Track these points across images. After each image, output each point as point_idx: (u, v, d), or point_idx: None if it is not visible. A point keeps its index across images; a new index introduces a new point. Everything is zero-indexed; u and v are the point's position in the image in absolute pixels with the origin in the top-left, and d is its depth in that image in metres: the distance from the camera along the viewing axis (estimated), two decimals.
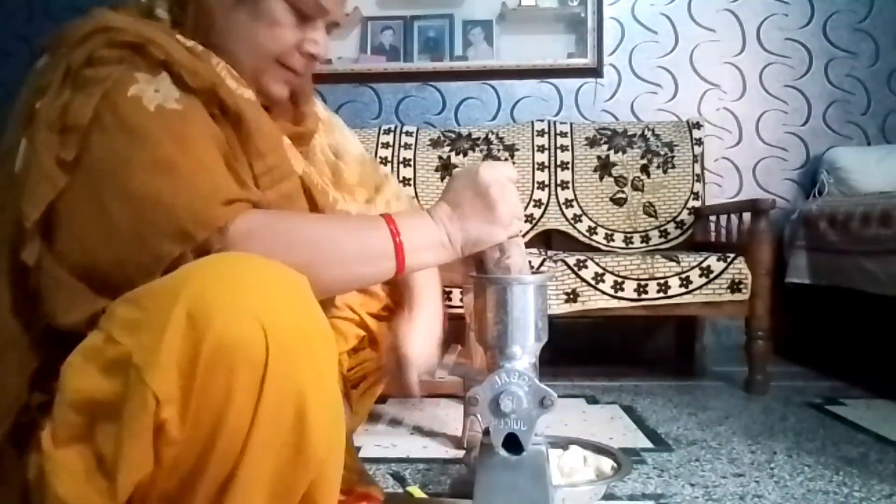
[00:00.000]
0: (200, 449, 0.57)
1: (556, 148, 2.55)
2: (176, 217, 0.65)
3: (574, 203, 2.49)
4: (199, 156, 0.69)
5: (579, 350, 2.43)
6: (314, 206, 0.86)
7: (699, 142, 2.55)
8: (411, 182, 2.51)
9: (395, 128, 2.63)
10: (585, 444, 1.22)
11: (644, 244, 2.45)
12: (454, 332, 2.05)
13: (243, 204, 0.69)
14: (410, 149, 2.57)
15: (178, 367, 0.55)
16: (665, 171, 2.51)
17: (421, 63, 2.78)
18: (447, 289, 1.87)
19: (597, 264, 2.00)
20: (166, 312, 0.56)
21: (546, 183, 2.51)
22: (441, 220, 0.77)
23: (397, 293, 1.12)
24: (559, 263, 2.01)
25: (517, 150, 2.55)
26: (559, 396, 0.75)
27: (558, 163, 2.53)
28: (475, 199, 0.77)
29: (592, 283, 1.98)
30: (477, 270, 0.81)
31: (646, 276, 1.99)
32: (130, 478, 0.56)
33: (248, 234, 0.67)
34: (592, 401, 1.94)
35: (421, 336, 1.03)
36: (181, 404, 0.55)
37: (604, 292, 1.98)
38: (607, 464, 1.16)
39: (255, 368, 0.56)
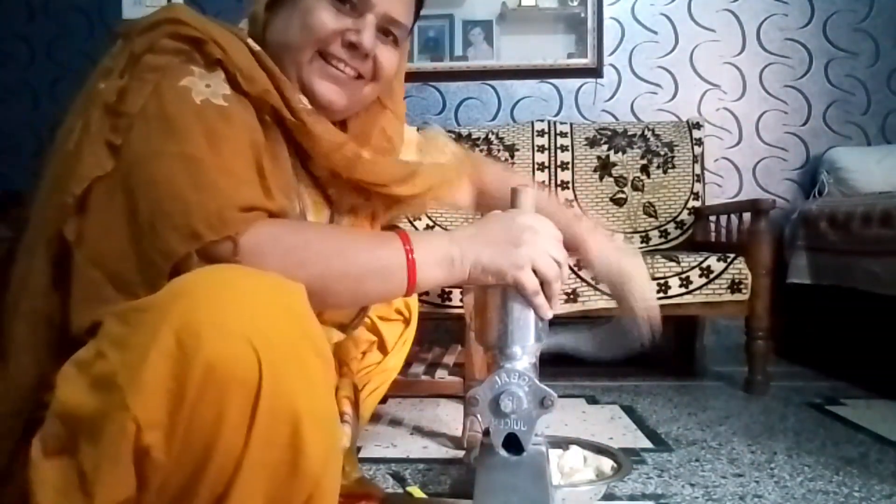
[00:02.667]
0: (190, 472, 0.55)
1: (556, 148, 2.55)
2: (189, 213, 0.65)
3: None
4: (228, 156, 0.69)
5: None
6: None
7: (699, 142, 2.55)
8: None
9: None
10: (585, 444, 1.22)
11: (644, 244, 2.44)
12: (454, 332, 2.05)
13: (260, 213, 0.68)
14: None
15: (165, 391, 0.53)
16: (665, 171, 2.50)
17: (421, 63, 2.78)
18: (447, 289, 1.87)
19: None
20: (153, 331, 0.54)
21: (546, 183, 2.51)
22: (458, 239, 0.76)
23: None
24: None
25: (517, 150, 2.55)
26: (559, 396, 0.75)
27: (558, 163, 2.53)
28: (501, 232, 0.77)
29: (592, 283, 1.98)
30: None
31: None
32: (109, 500, 0.54)
33: (260, 246, 0.66)
34: (592, 401, 1.94)
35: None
36: (168, 428, 0.54)
37: (604, 292, 1.98)
38: (607, 464, 1.16)
39: (248, 391, 0.54)
